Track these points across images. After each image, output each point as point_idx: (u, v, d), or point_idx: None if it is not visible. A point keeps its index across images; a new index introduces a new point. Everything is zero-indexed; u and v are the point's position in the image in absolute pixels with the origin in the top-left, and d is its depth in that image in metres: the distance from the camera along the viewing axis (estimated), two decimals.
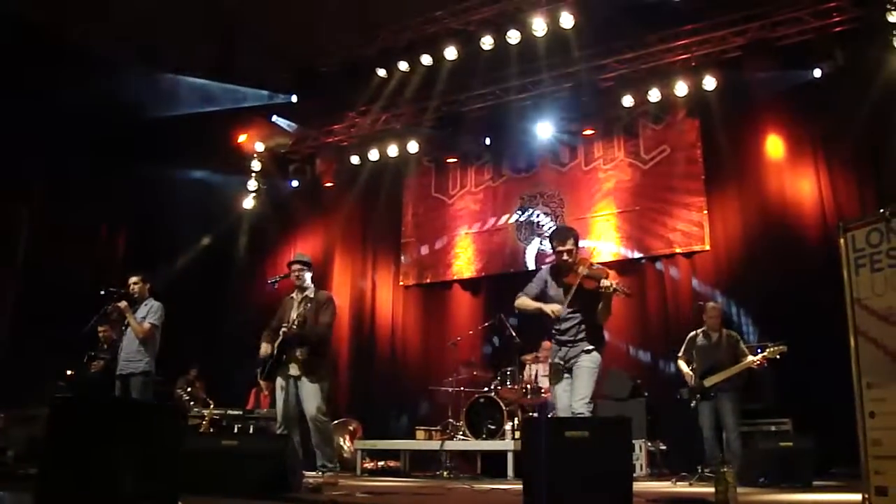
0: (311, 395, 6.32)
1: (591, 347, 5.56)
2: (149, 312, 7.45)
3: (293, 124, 12.74)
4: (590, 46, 10.29)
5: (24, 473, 6.63)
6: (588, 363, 5.53)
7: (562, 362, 5.62)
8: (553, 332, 5.69)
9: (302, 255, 7.07)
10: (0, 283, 10.10)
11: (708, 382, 7.48)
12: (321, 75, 11.76)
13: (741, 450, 7.25)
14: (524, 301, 5.73)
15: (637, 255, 10.52)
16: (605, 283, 5.39)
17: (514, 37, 10.04)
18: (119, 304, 7.39)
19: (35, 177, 10.58)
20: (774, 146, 9.88)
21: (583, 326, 5.57)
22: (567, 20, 9.64)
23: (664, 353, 9.49)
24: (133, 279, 7.62)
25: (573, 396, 5.48)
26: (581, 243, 10.46)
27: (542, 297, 5.69)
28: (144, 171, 10.96)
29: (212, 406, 9.81)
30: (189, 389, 10.20)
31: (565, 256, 5.57)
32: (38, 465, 3.82)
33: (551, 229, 10.89)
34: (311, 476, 6.13)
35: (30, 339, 9.53)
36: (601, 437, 4.65)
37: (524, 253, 11.39)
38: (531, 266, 10.98)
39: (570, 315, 5.56)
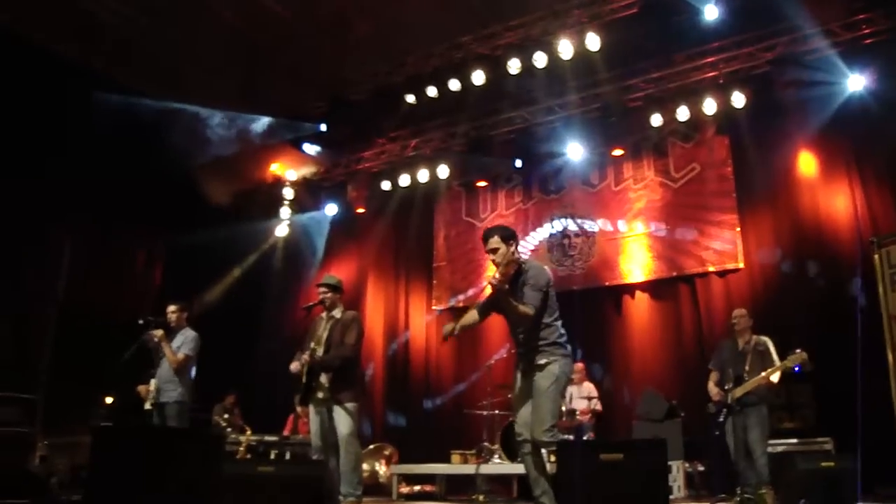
0: (342, 419, 6.32)
1: (543, 361, 5.03)
2: (184, 342, 7.56)
3: (323, 151, 12.88)
4: (617, 67, 10.30)
5: (68, 501, 6.74)
6: (543, 381, 5.00)
7: (520, 375, 5.20)
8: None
9: (330, 277, 7.06)
10: (42, 313, 10.29)
11: (734, 395, 7.14)
12: (351, 103, 11.89)
13: (767, 470, 6.89)
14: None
15: (670, 274, 10.44)
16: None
17: (540, 60, 10.08)
18: (155, 333, 7.50)
19: (76, 210, 10.79)
20: (807, 162, 9.79)
21: (526, 334, 5.11)
22: (593, 42, 9.66)
23: (699, 374, 9.36)
24: (171, 308, 7.76)
25: (533, 424, 4.99)
26: (613, 263, 10.59)
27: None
28: (179, 201, 11.15)
29: (249, 432, 9.88)
30: (226, 416, 10.28)
31: (491, 257, 5.29)
32: (82, 493, 3.89)
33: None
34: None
35: (71, 368, 9.69)
36: (636, 459, 4.62)
37: (556, 274, 11.36)
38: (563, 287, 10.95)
39: (509, 319, 5.23)
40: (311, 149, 12.72)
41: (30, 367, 10.00)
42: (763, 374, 7.04)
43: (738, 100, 9.77)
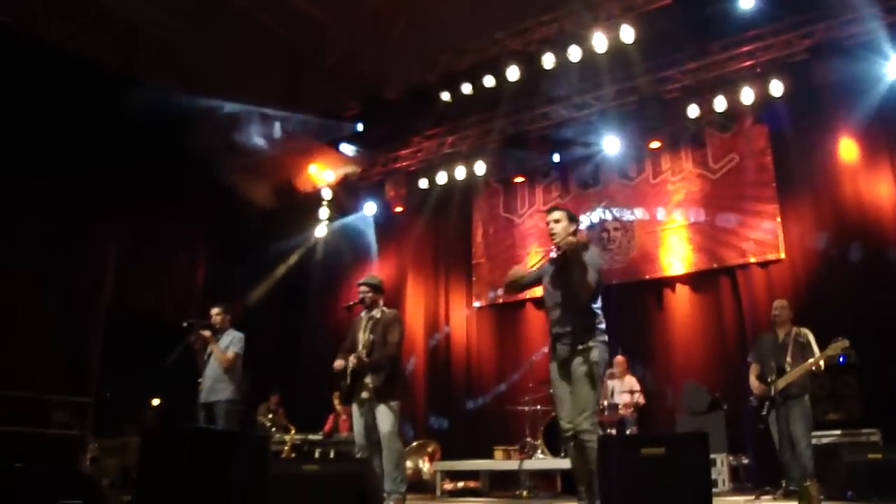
0: (384, 417, 6.39)
1: (580, 347, 5.03)
2: (232, 342, 7.71)
3: (360, 151, 12.97)
4: (652, 59, 10.20)
5: (119, 501, 6.91)
6: (582, 367, 5.01)
7: (557, 364, 5.21)
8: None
9: (371, 276, 7.13)
10: (90, 318, 10.53)
11: (776, 387, 7.11)
12: (386, 102, 11.96)
13: (812, 462, 6.85)
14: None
15: (710, 266, 10.35)
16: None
17: (575, 54, 10.05)
18: (203, 333, 7.65)
19: (119, 214, 11.02)
20: (848, 149, 9.63)
21: (569, 316, 5.12)
22: (627, 34, 9.61)
23: (742, 366, 9.27)
24: (215, 310, 7.90)
25: (573, 412, 5.04)
26: (653, 255, 10.52)
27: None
28: (219, 203, 11.33)
29: (293, 432, 10.02)
30: (271, 416, 10.43)
31: (551, 226, 5.29)
32: (133, 493, 4.00)
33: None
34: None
35: (118, 371, 9.91)
36: (678, 453, 4.61)
37: None
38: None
39: (554, 297, 5.22)
40: (348, 149, 12.82)
41: (80, 371, 10.25)
42: (809, 361, 6.99)
43: (777, 88, 9.64)
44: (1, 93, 9.16)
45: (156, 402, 10.62)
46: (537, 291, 11.50)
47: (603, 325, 5.13)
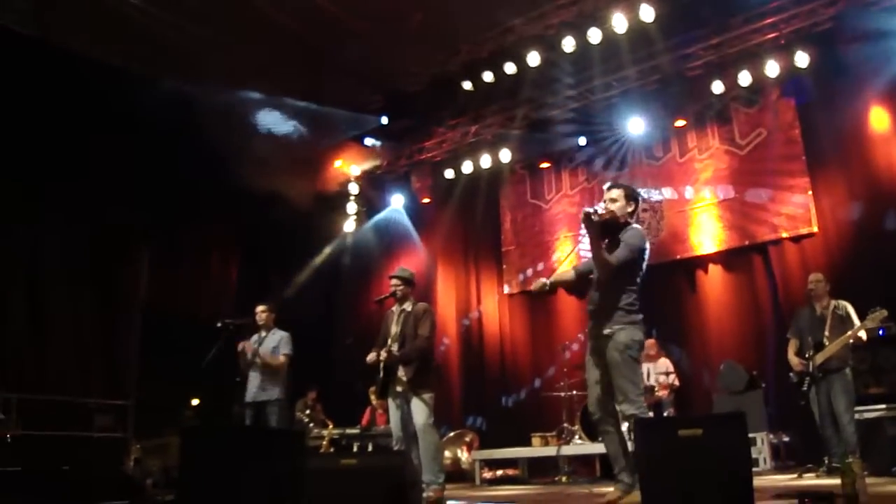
0: (419, 409, 6.44)
1: (608, 330, 4.95)
2: (280, 343, 7.80)
3: (385, 144, 13.01)
4: (673, 36, 10.09)
5: (162, 501, 7.04)
6: (615, 353, 4.91)
7: (589, 344, 5.16)
8: None
9: (403, 269, 7.16)
10: (127, 319, 10.69)
11: (815, 362, 7.03)
12: (408, 94, 11.98)
13: (855, 437, 6.78)
14: None
15: (742, 243, 10.24)
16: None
17: (595, 36, 9.97)
18: (247, 349, 7.69)
19: (154, 219, 11.16)
20: (879, 118, 9.43)
21: (598, 294, 5.07)
22: (647, 13, 9.50)
23: (779, 343, 9.17)
24: (260, 308, 7.99)
25: (617, 399, 4.95)
26: (683, 235, 10.43)
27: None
28: (249, 201, 11.43)
29: (331, 426, 10.11)
30: (308, 412, 10.53)
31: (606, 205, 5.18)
32: (175, 493, 4.07)
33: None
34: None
35: (156, 372, 10.06)
36: (716, 433, 4.57)
37: None
38: None
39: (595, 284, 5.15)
40: (372, 142, 12.87)
41: (119, 374, 10.42)
42: (847, 334, 6.90)
43: (802, 59, 9.49)
44: (36, 103, 9.34)
45: (194, 402, 10.75)
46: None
47: (634, 308, 5.04)
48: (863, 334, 6.95)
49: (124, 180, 10.37)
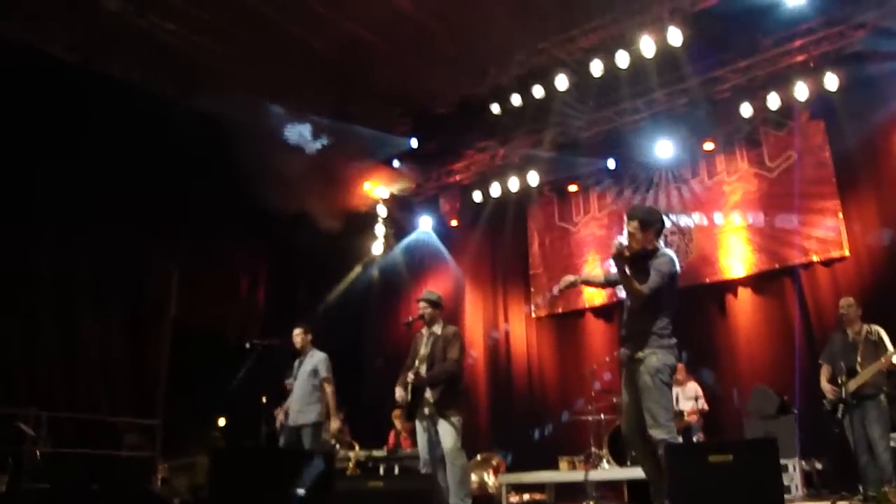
0: (447, 432, 6.43)
1: (640, 355, 5.00)
2: (319, 365, 7.81)
3: (413, 166, 13.07)
4: (701, 60, 10.06)
5: None
6: (645, 377, 4.94)
7: (623, 369, 5.19)
8: None
9: (430, 292, 7.18)
10: (156, 339, 10.78)
11: (848, 388, 6.91)
12: (437, 117, 12.05)
13: (891, 465, 6.65)
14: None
15: (772, 267, 10.15)
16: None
17: (622, 59, 9.98)
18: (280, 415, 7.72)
19: (181, 237, 11.28)
20: None
21: (630, 319, 5.14)
22: (675, 37, 9.49)
23: (811, 367, 9.06)
24: (296, 331, 8.01)
25: (648, 425, 4.91)
26: (712, 258, 10.35)
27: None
28: (279, 225, 11.53)
29: (357, 448, 10.08)
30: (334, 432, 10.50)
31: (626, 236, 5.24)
32: None
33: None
34: None
35: (184, 391, 10.13)
36: (746, 459, 4.53)
37: None
38: None
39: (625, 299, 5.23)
40: (400, 165, 12.94)
41: (148, 393, 10.50)
42: (881, 360, 6.81)
43: (831, 81, 9.43)
44: (67, 125, 9.51)
45: (222, 422, 10.80)
46: (596, 300, 11.52)
47: (666, 332, 5.06)
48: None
49: (155, 201, 10.51)
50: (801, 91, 9.65)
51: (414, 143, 12.50)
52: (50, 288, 9.97)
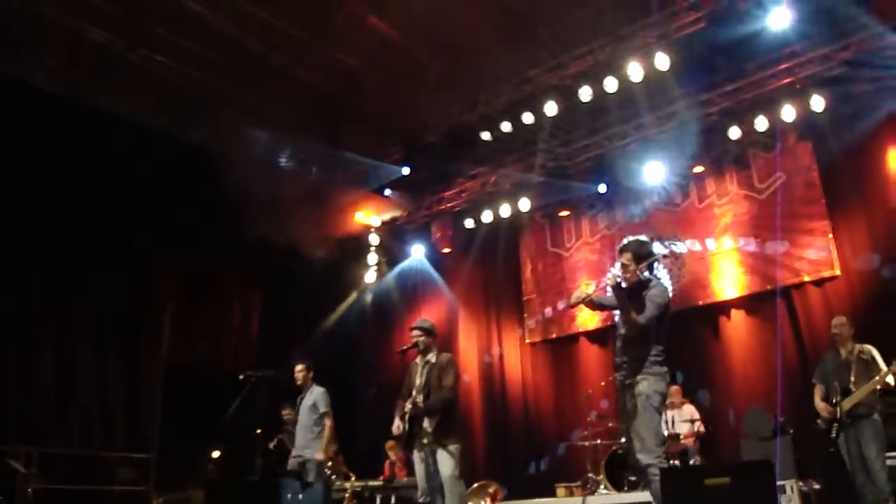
0: (445, 461, 6.39)
1: (630, 381, 5.14)
2: (317, 400, 7.86)
3: (404, 194, 13.10)
4: (689, 84, 10.19)
5: None
6: (637, 402, 5.07)
7: (618, 395, 5.32)
8: None
9: (424, 320, 7.18)
10: (150, 372, 10.73)
11: (842, 408, 6.91)
12: (427, 145, 12.10)
13: (888, 485, 6.62)
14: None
15: (764, 288, 10.17)
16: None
17: (611, 84, 10.07)
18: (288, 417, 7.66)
19: (174, 269, 11.26)
20: None
21: (625, 346, 5.29)
22: (662, 62, 9.60)
23: (805, 388, 9.05)
24: (298, 368, 8.04)
25: (635, 444, 5.06)
26: (704, 281, 10.38)
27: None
28: (272, 255, 11.52)
29: (353, 478, 10.01)
30: (330, 464, 10.43)
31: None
32: None
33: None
34: None
35: (178, 424, 10.07)
36: (743, 482, 4.54)
37: None
38: None
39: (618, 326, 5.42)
40: (391, 193, 12.97)
41: (141, 427, 10.43)
42: (875, 378, 6.81)
43: (818, 103, 9.51)
44: (58, 156, 9.55)
45: (216, 454, 10.72)
46: (590, 324, 11.52)
47: (660, 358, 5.20)
48: (891, 379, 6.84)
49: (147, 232, 10.51)
50: (788, 113, 9.73)
51: (405, 170, 12.53)
52: (42, 323, 9.92)
